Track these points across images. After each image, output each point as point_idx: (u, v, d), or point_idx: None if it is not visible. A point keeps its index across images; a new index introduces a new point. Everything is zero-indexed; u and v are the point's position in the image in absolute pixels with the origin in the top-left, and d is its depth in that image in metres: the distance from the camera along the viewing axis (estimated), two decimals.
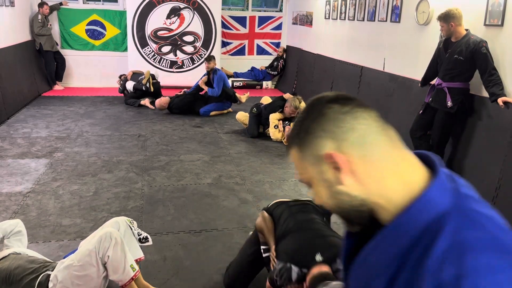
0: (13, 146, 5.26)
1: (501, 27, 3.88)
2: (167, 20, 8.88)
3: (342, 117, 0.77)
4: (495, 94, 3.76)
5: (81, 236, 3.24)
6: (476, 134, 4.15)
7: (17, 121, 6.38)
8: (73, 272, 2.24)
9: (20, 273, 2.31)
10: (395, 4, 5.56)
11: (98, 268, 2.24)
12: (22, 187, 4.10)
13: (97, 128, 6.18)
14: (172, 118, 6.93)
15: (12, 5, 7.34)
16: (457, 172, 4.26)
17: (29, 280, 2.29)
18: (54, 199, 3.86)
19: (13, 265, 2.36)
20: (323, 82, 7.61)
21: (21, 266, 2.35)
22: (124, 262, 2.28)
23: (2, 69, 6.65)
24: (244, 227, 3.50)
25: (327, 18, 7.61)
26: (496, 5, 3.90)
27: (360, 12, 6.46)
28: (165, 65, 9.03)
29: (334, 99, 0.81)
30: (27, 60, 7.91)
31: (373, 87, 6.07)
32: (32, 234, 3.26)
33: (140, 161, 4.92)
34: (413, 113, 4.69)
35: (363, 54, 6.41)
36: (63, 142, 5.48)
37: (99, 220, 3.47)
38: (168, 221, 3.55)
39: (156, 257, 3.00)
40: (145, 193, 4.07)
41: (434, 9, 4.78)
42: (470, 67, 3.98)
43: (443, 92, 4.11)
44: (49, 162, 4.76)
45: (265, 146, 5.67)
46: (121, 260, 2.26)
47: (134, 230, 2.57)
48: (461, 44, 3.96)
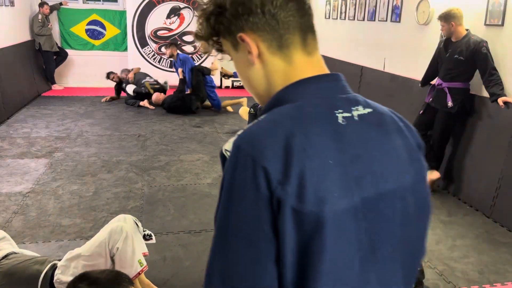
0: (13, 146, 5.25)
1: (501, 27, 3.88)
2: (167, 20, 8.87)
3: None
4: (495, 94, 3.76)
5: (80, 236, 3.24)
6: (476, 134, 4.15)
7: (17, 121, 6.37)
8: (82, 262, 2.25)
9: (24, 265, 2.32)
10: (395, 4, 5.56)
11: (106, 259, 2.26)
12: (21, 187, 4.09)
13: (97, 128, 6.18)
14: (172, 118, 6.93)
15: (12, 5, 7.34)
16: (457, 172, 4.27)
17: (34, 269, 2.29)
18: (54, 199, 3.86)
19: (16, 261, 2.36)
20: None
21: (25, 260, 2.36)
22: (133, 256, 2.30)
23: (2, 69, 6.64)
24: None
25: (327, 18, 7.61)
26: (496, 5, 3.90)
27: (360, 12, 6.46)
28: (165, 64, 9.03)
29: None
30: (27, 60, 7.91)
31: (373, 87, 6.06)
32: (32, 234, 3.26)
33: (140, 161, 4.91)
34: (413, 113, 4.68)
35: (363, 54, 6.41)
36: (63, 142, 5.48)
37: (99, 220, 3.47)
38: (168, 221, 3.54)
39: (156, 257, 3.00)
40: (145, 193, 4.06)
41: (434, 9, 4.77)
42: (471, 67, 3.97)
43: (443, 92, 4.11)
44: (49, 162, 4.76)
45: None
46: (129, 254, 2.29)
47: (139, 227, 2.60)
48: (461, 44, 3.96)
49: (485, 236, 3.53)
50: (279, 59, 0.88)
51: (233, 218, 0.77)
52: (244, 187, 0.76)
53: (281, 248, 0.75)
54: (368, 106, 0.89)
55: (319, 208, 0.75)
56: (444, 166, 4.43)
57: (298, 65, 0.88)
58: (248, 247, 0.76)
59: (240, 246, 0.76)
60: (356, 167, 0.82)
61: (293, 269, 0.77)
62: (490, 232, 3.60)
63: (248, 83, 0.93)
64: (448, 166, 4.43)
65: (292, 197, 0.74)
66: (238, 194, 0.77)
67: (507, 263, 3.15)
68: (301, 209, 0.75)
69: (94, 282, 1.81)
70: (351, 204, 0.80)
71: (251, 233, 0.75)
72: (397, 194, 0.86)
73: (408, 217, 0.88)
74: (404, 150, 0.89)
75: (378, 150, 0.86)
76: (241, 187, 0.76)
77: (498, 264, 3.13)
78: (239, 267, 0.76)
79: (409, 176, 0.88)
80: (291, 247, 0.76)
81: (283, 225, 0.74)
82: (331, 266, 0.78)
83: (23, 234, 3.26)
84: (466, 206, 4.06)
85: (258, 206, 0.75)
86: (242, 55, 0.90)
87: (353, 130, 0.84)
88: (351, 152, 0.82)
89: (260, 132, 0.79)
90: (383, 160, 0.86)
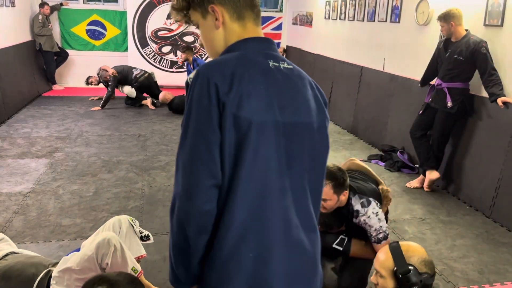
0: (13, 146, 5.26)
1: (500, 27, 3.88)
2: (167, 20, 8.88)
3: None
4: (495, 94, 3.76)
5: (81, 236, 3.24)
6: (476, 134, 4.15)
7: (17, 121, 6.38)
8: (74, 275, 2.23)
9: (20, 269, 2.31)
10: (394, 4, 5.57)
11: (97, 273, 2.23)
12: (22, 187, 4.10)
13: (97, 128, 6.18)
14: (172, 118, 6.93)
15: (12, 5, 7.35)
16: (457, 172, 4.27)
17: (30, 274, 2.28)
18: (54, 199, 3.87)
19: (12, 261, 2.36)
20: (323, 82, 7.61)
21: (21, 262, 2.35)
22: (125, 267, 2.25)
23: (3, 69, 6.65)
24: None
25: (327, 18, 7.61)
26: (495, 5, 3.91)
27: (360, 12, 6.46)
28: (165, 65, 9.04)
29: None
30: (27, 60, 7.92)
31: (373, 87, 6.07)
32: (32, 234, 3.26)
33: (140, 161, 4.92)
34: (413, 113, 4.69)
35: (363, 54, 6.41)
36: (63, 142, 5.49)
37: (99, 220, 3.48)
38: (168, 221, 3.54)
39: (156, 257, 3.01)
40: (145, 193, 4.07)
41: (433, 9, 4.78)
42: (470, 67, 3.98)
43: (443, 93, 4.11)
44: (49, 162, 4.76)
45: None
46: (121, 266, 2.23)
47: (136, 228, 2.57)
48: (461, 44, 3.96)
49: (485, 236, 3.53)
50: (237, 26, 1.23)
51: (192, 120, 1.11)
52: (202, 97, 1.10)
53: (223, 140, 1.09)
54: (291, 64, 1.25)
55: (250, 116, 1.10)
56: (443, 166, 4.43)
57: (248, 30, 1.24)
58: (202, 139, 1.09)
59: (197, 138, 1.10)
60: (280, 99, 1.16)
61: (230, 160, 1.10)
62: (490, 232, 3.61)
63: (211, 43, 1.26)
64: (448, 166, 4.43)
65: (233, 105, 1.09)
66: (196, 102, 1.10)
67: (506, 263, 3.16)
68: (238, 114, 1.09)
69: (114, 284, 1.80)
70: (274, 121, 1.14)
71: (204, 128, 1.09)
72: (308, 127, 1.21)
73: (314, 147, 1.23)
74: (314, 101, 1.24)
75: (297, 92, 1.21)
76: (199, 97, 1.10)
77: (498, 264, 3.14)
78: (196, 153, 1.10)
79: (316, 119, 1.23)
80: (230, 141, 1.10)
81: (225, 123, 1.09)
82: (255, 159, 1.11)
83: (24, 234, 3.26)
84: (466, 206, 4.07)
85: (210, 110, 1.09)
86: (209, 22, 1.23)
87: (280, 74, 1.19)
88: (277, 88, 1.17)
89: (215, 64, 1.15)
90: (300, 100, 1.21)
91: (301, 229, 1.19)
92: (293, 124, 1.17)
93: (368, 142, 5.97)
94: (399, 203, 4.08)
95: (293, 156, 1.17)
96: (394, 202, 4.07)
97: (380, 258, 1.77)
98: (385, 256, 1.76)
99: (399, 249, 1.74)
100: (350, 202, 2.47)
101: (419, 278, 1.68)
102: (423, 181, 4.41)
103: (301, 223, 1.19)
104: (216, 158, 1.09)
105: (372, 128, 5.94)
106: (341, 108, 6.87)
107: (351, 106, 6.57)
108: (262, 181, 1.12)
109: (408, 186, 4.47)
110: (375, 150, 5.60)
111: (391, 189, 4.33)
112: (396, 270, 1.71)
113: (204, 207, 1.09)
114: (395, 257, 1.72)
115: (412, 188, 4.43)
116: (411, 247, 1.77)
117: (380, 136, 5.70)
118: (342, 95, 6.92)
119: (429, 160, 4.30)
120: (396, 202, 4.07)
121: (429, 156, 4.30)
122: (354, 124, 6.44)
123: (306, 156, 1.20)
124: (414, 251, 1.74)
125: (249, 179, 1.10)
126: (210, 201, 1.09)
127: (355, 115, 6.43)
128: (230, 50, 1.21)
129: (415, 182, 4.48)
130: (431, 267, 1.73)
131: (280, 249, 1.14)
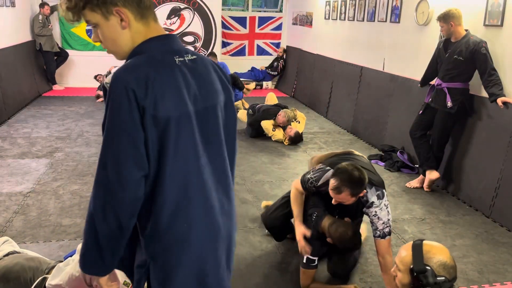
0: (14, 146, 5.27)
1: (500, 27, 3.89)
2: (167, 20, 8.89)
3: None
4: (495, 94, 3.77)
5: (81, 236, 3.24)
6: (476, 134, 4.15)
7: (18, 121, 6.39)
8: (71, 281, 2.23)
9: (18, 271, 2.31)
10: (394, 4, 5.57)
11: None
12: (22, 187, 4.10)
13: (97, 128, 6.18)
14: None
15: (12, 6, 7.35)
16: (457, 172, 4.26)
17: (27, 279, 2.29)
18: (55, 199, 3.87)
19: (12, 262, 2.36)
20: (323, 82, 7.62)
21: (20, 263, 2.36)
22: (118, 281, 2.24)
23: (3, 69, 6.65)
24: (244, 227, 3.50)
25: (327, 19, 7.62)
26: (495, 5, 3.91)
27: (360, 13, 6.47)
28: None
29: None
30: (27, 60, 7.92)
31: (373, 87, 6.07)
32: (33, 234, 3.27)
33: None
34: (413, 113, 4.69)
35: (363, 54, 6.42)
36: (64, 142, 5.49)
37: None
38: None
39: None
40: None
41: (433, 10, 4.78)
42: (470, 68, 3.98)
43: (443, 93, 4.12)
44: (50, 162, 4.77)
45: (265, 146, 5.68)
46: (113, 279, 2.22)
47: None
48: (461, 45, 3.97)
49: (485, 236, 3.54)
50: (141, 25, 1.34)
51: (115, 122, 1.25)
52: (122, 102, 1.24)
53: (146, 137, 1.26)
54: (194, 54, 1.41)
55: (166, 114, 1.27)
56: (443, 166, 4.44)
57: (152, 28, 1.36)
58: (127, 137, 1.25)
59: (123, 137, 1.25)
60: (190, 91, 1.34)
61: (154, 153, 1.29)
62: (490, 231, 3.61)
63: (116, 43, 1.35)
64: (448, 166, 4.44)
65: (151, 108, 1.25)
66: (117, 106, 1.24)
67: (506, 262, 3.16)
68: (156, 115, 1.26)
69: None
70: (187, 112, 1.32)
71: (128, 128, 1.24)
72: (217, 107, 1.42)
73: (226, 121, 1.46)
74: (219, 82, 1.45)
75: (203, 80, 1.39)
76: (119, 102, 1.24)
77: (498, 263, 3.14)
78: (124, 150, 1.25)
79: (223, 98, 1.45)
80: (152, 137, 1.27)
81: (146, 123, 1.26)
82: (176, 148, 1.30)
83: (24, 234, 3.27)
84: (466, 206, 4.07)
85: (131, 111, 1.24)
86: (112, 23, 1.32)
87: (186, 68, 1.35)
88: (186, 82, 1.34)
89: (129, 70, 1.28)
90: (206, 86, 1.40)
91: (221, 191, 1.45)
92: (205, 109, 1.38)
93: (368, 142, 5.97)
94: (399, 203, 4.09)
95: (211, 135, 1.41)
96: (394, 202, 4.07)
97: (401, 253, 1.79)
98: (406, 253, 1.77)
99: (420, 248, 1.74)
100: (366, 194, 2.55)
101: (434, 280, 1.67)
102: (423, 181, 4.41)
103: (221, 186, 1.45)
104: (143, 152, 1.26)
105: (372, 128, 5.94)
106: (341, 108, 6.87)
107: (351, 106, 6.57)
108: (184, 166, 1.33)
109: (408, 186, 4.48)
110: (375, 150, 5.60)
111: (391, 189, 4.34)
112: (412, 267, 1.71)
113: (137, 194, 1.29)
114: (415, 255, 1.73)
115: (412, 188, 4.43)
116: (434, 248, 1.76)
117: (380, 136, 5.70)
118: (342, 95, 6.92)
119: (429, 160, 4.30)
120: (396, 202, 4.07)
121: (429, 156, 4.30)
122: (354, 124, 6.44)
123: (222, 131, 1.44)
124: (436, 253, 1.74)
125: (172, 166, 1.31)
126: (141, 189, 1.29)
127: (355, 115, 6.44)
128: (138, 51, 1.34)
129: (415, 182, 4.48)
130: (451, 272, 1.71)
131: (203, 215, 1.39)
